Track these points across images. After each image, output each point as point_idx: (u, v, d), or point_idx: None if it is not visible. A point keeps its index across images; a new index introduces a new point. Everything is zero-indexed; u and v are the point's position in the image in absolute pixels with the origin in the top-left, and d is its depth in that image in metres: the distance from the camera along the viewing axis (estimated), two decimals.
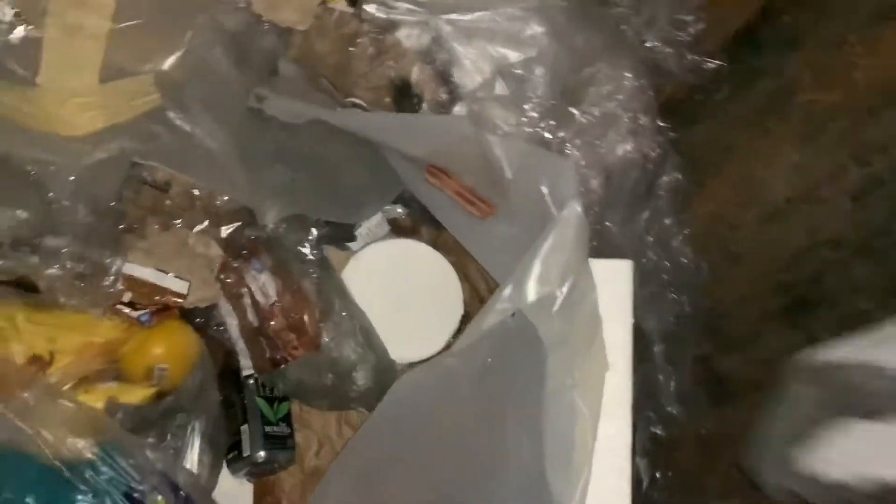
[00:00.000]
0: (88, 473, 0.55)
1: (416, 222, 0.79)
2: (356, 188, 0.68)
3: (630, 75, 0.64)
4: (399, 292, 0.74)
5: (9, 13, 0.57)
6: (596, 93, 0.66)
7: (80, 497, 0.54)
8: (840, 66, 0.53)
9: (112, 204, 0.66)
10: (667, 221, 0.73)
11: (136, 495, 0.56)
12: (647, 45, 0.63)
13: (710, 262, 0.67)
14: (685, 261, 0.66)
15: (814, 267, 0.56)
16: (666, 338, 0.71)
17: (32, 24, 0.56)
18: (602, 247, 0.71)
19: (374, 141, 0.62)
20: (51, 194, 0.63)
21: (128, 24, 0.59)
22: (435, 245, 0.77)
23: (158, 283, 0.67)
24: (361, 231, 0.79)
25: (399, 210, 0.77)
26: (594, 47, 0.65)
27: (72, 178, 0.64)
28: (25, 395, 0.55)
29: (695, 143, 0.70)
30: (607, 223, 0.73)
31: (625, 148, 0.67)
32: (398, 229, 0.79)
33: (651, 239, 0.74)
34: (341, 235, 0.79)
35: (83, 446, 0.55)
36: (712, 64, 0.63)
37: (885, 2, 0.49)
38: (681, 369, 0.65)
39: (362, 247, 0.78)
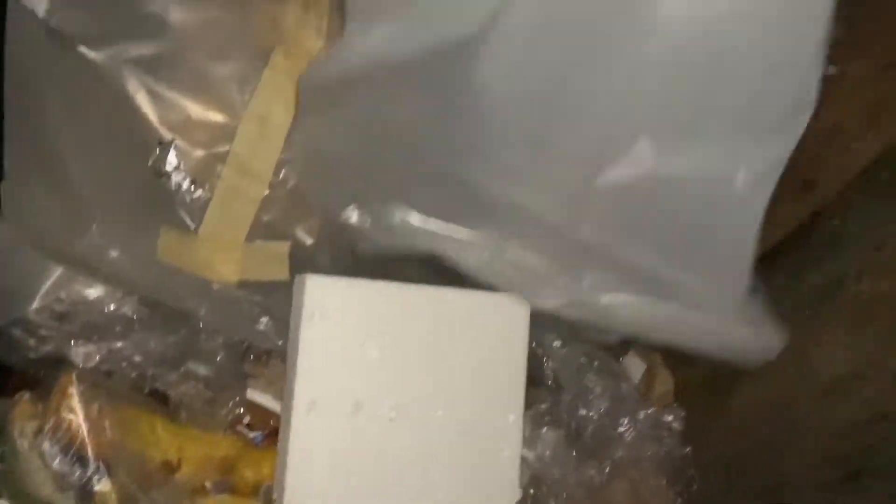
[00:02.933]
0: None
1: None
2: None
3: None
4: None
5: (188, 179, 0.72)
6: None
7: None
8: (883, 267, 0.62)
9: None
10: None
11: None
12: None
13: (771, 434, 0.73)
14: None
15: (867, 440, 0.61)
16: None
17: (204, 187, 0.70)
18: None
19: None
20: (201, 325, 0.75)
21: (280, 192, 0.73)
22: None
23: (274, 409, 0.77)
24: None
25: None
26: None
27: (214, 316, 0.76)
28: (158, 495, 0.65)
29: None
30: None
31: None
32: None
33: None
34: None
35: None
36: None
37: None
38: None
39: None
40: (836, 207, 0.68)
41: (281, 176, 0.73)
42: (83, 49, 0.65)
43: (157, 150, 0.71)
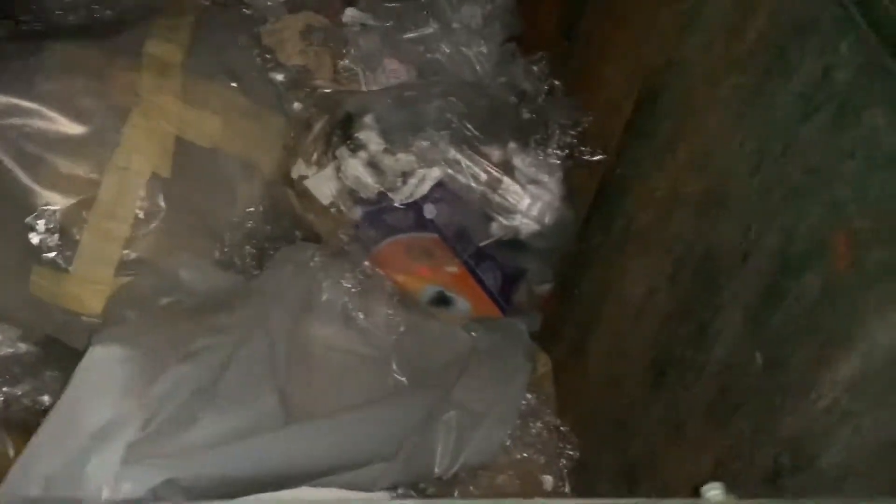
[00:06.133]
0: None
1: None
2: None
3: None
4: None
5: (58, 231, 0.81)
6: None
7: None
8: (649, 196, 0.73)
9: None
10: None
11: None
12: None
13: (611, 368, 0.82)
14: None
15: (663, 342, 0.71)
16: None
17: (71, 231, 0.80)
18: None
19: None
20: None
21: (143, 230, 0.83)
22: None
23: None
24: None
25: None
26: None
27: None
28: None
29: (593, 277, 0.88)
30: None
31: None
32: None
33: None
34: None
35: None
36: None
37: (671, 143, 0.70)
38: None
39: None
40: (617, 160, 0.80)
41: (143, 217, 0.83)
42: None
43: (38, 212, 0.81)
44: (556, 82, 0.96)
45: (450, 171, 0.83)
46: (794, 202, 0.51)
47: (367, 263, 0.87)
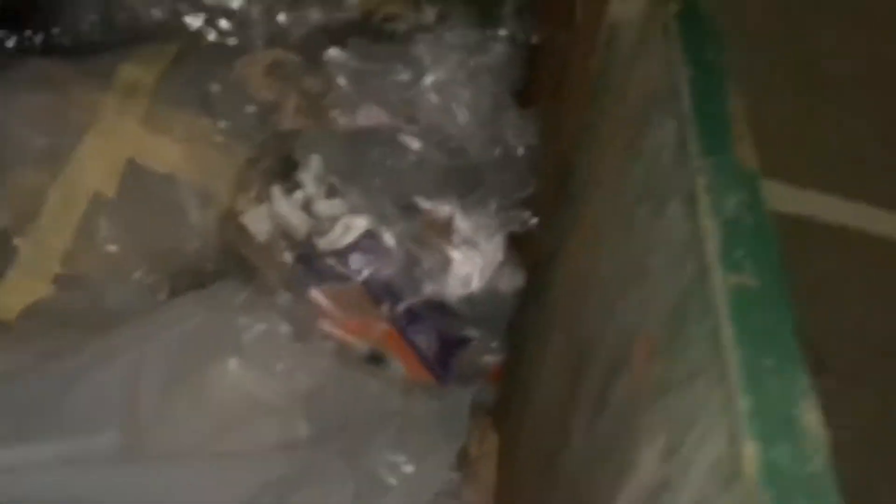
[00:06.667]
0: None
1: None
2: None
3: None
4: None
5: None
6: None
7: None
8: (565, 272, 0.66)
9: None
10: None
11: None
12: None
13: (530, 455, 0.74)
14: None
15: (553, 437, 0.63)
16: None
17: (16, 241, 0.81)
18: None
19: None
20: None
21: (80, 247, 0.83)
22: None
23: None
24: None
25: None
26: None
27: None
28: None
29: (531, 355, 0.81)
30: None
31: None
32: None
33: None
34: None
35: None
36: None
37: (580, 217, 0.63)
38: None
39: None
40: (548, 229, 0.73)
41: (82, 234, 0.83)
42: None
43: None
44: (534, 142, 0.91)
45: (379, 221, 0.78)
46: (625, 298, 0.44)
47: (298, 309, 0.84)
